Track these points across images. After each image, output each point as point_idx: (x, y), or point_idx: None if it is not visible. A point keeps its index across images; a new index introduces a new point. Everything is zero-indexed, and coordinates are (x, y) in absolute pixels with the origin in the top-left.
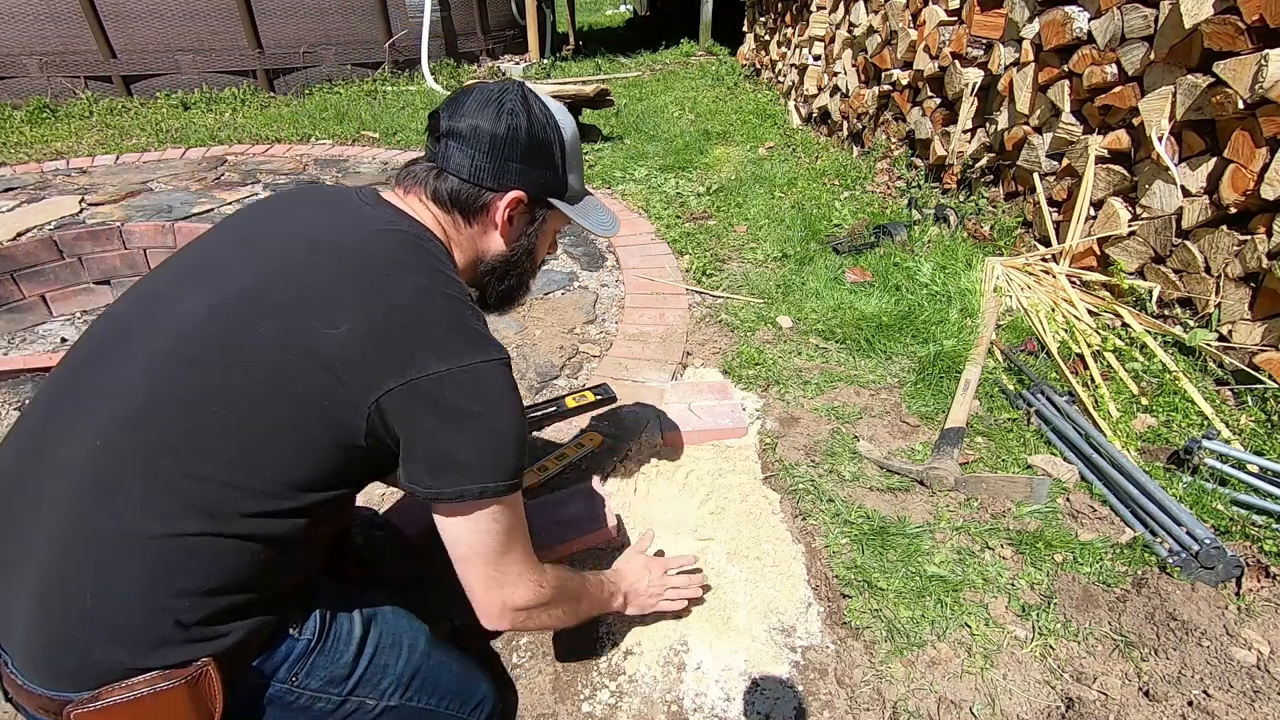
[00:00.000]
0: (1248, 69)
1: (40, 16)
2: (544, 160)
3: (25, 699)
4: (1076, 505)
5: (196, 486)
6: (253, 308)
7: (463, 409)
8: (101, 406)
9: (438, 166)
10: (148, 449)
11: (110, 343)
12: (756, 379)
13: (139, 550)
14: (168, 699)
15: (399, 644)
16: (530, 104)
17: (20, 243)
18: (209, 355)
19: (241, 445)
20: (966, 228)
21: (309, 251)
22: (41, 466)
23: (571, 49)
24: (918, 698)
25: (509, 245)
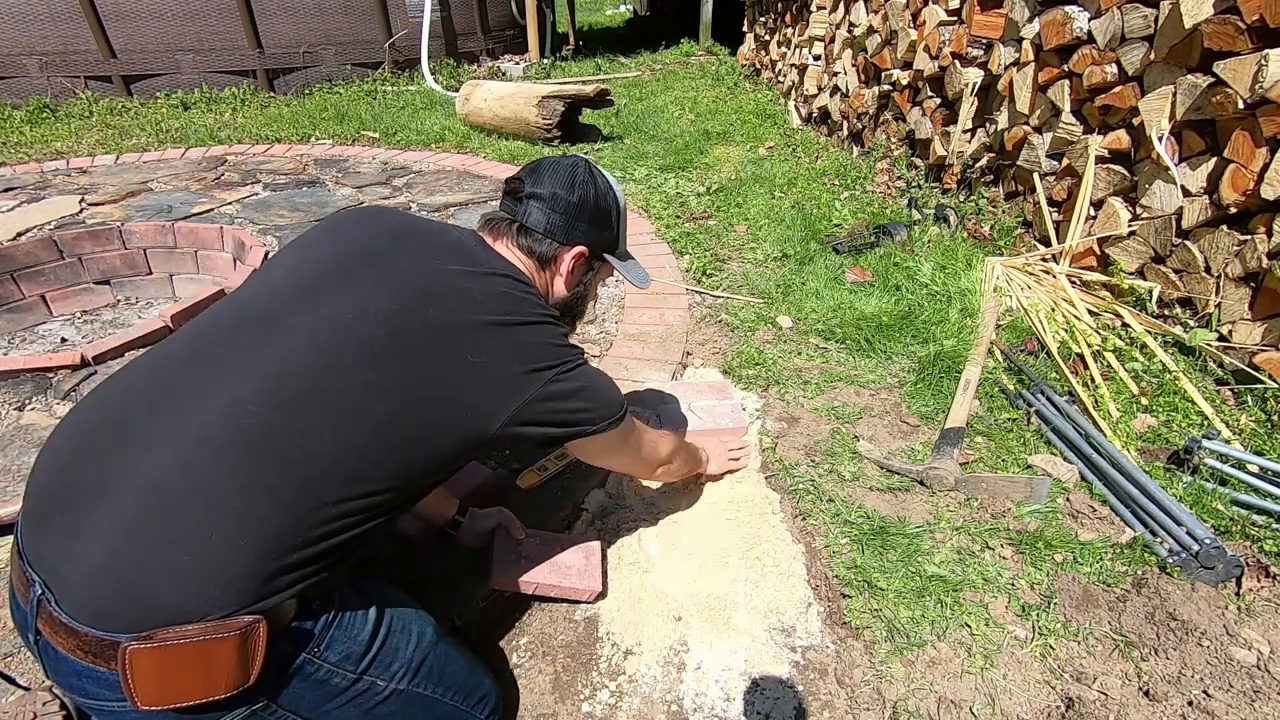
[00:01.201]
0: (1248, 69)
1: (40, 16)
2: (604, 224)
3: (63, 638)
4: (1076, 505)
5: (330, 469)
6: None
7: (571, 390)
8: (250, 377)
9: (519, 222)
10: (300, 426)
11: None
12: (756, 379)
13: (254, 512)
14: (219, 649)
15: (409, 630)
16: (595, 177)
17: (20, 243)
18: (376, 358)
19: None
20: (966, 228)
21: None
22: (157, 419)
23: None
24: (918, 698)
25: (569, 290)
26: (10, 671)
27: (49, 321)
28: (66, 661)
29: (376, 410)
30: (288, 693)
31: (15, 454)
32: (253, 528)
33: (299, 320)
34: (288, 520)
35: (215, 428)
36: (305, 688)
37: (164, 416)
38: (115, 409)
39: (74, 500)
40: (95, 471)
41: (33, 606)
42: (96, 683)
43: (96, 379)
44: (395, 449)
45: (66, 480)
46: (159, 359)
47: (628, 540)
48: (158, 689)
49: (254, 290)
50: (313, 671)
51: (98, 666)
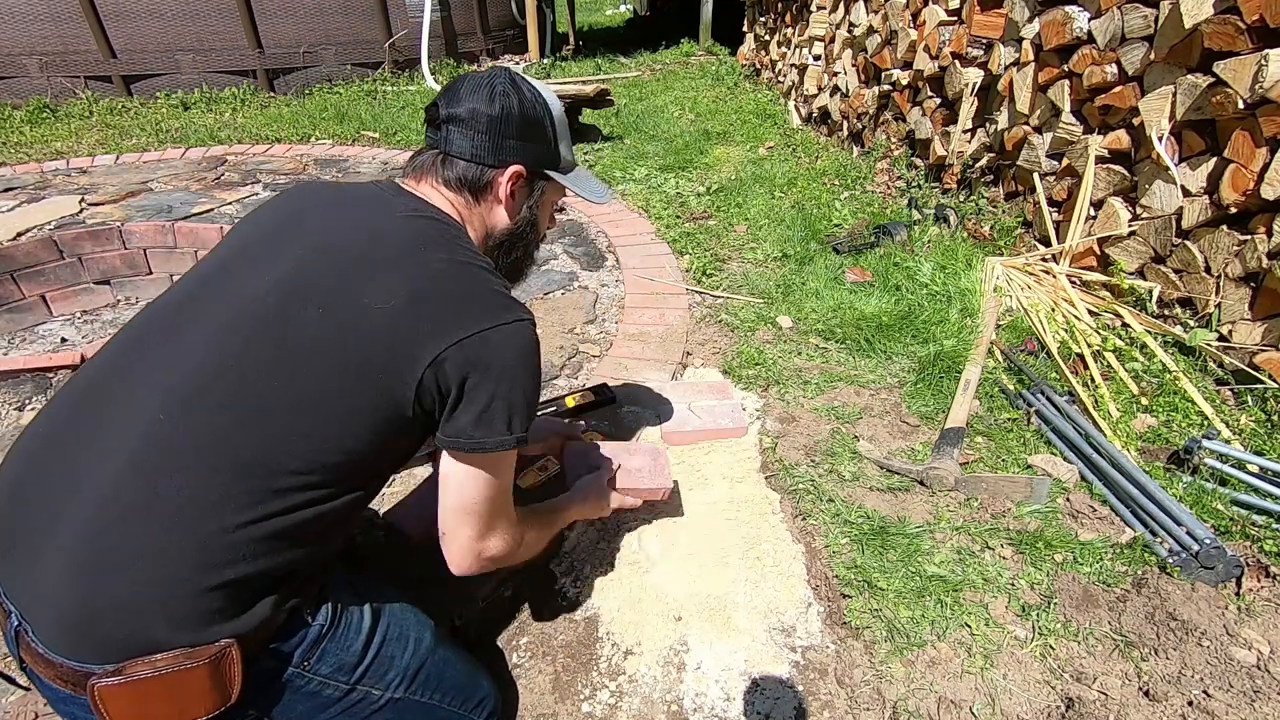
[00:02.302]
0: (1248, 69)
1: (40, 16)
2: (537, 135)
3: (44, 668)
4: (1076, 505)
5: (251, 463)
6: (308, 288)
7: (502, 364)
8: (159, 382)
9: (441, 152)
10: (208, 424)
11: (167, 322)
12: (756, 379)
13: (183, 524)
14: (190, 677)
15: (405, 637)
16: (519, 85)
17: (20, 243)
18: (270, 332)
19: (298, 420)
20: (966, 228)
21: (352, 237)
22: (86, 440)
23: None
24: (918, 698)
25: (513, 219)
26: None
27: (49, 321)
28: (50, 689)
29: (280, 390)
30: (279, 706)
31: None
32: (190, 544)
33: (199, 316)
34: (222, 529)
35: (136, 445)
36: (296, 699)
37: (93, 437)
38: (55, 429)
39: (27, 531)
40: (41, 500)
41: (12, 637)
42: (83, 709)
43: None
44: (311, 429)
45: (17, 510)
46: (90, 371)
47: (628, 540)
48: (134, 718)
49: (183, 283)
50: (303, 684)
51: (79, 695)
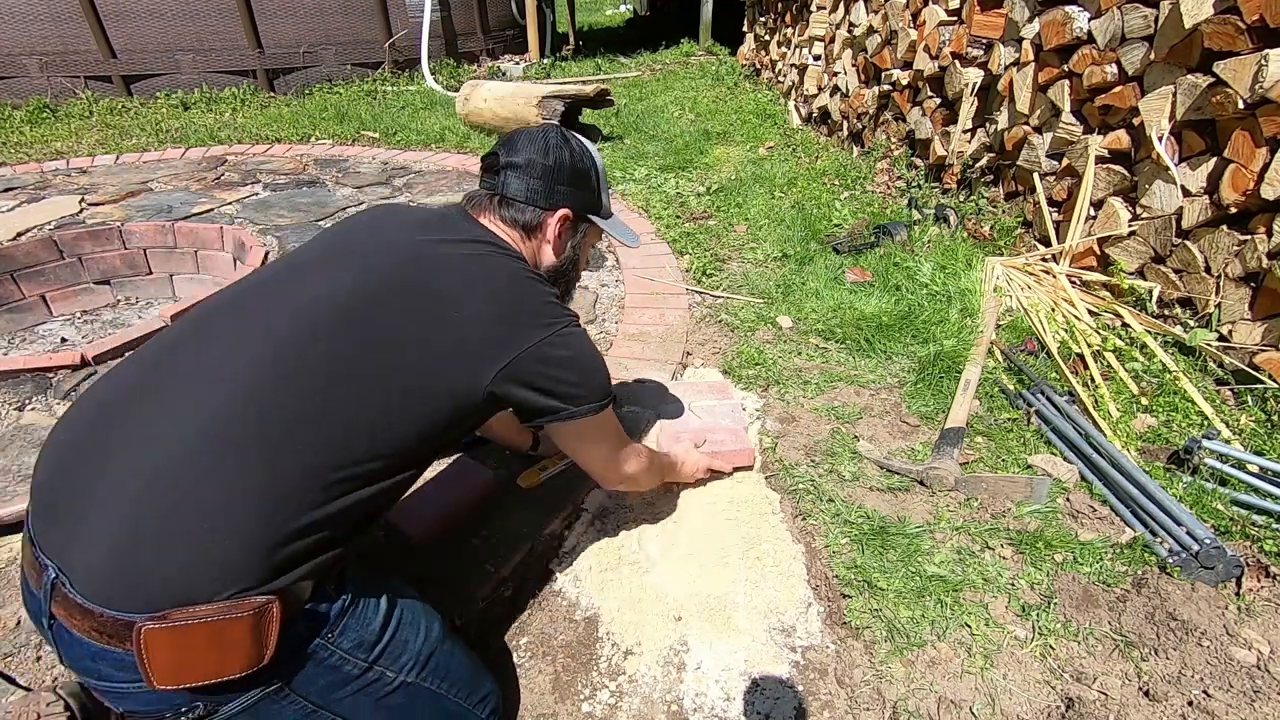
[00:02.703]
0: (1248, 69)
1: (40, 16)
2: (584, 184)
3: (80, 620)
4: (1076, 505)
5: (328, 434)
6: (395, 290)
7: (564, 358)
8: (241, 354)
9: (498, 194)
10: (289, 396)
11: (256, 302)
12: (756, 379)
13: (250, 483)
14: (233, 629)
15: (417, 624)
16: (569, 140)
17: (20, 243)
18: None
19: (375, 400)
20: (966, 228)
21: (433, 251)
22: (158, 402)
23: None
24: (918, 698)
25: (558, 256)
26: (10, 671)
27: (49, 321)
28: (81, 644)
29: (357, 377)
30: (301, 677)
31: (15, 454)
32: (253, 504)
33: (282, 304)
34: (284, 494)
35: (210, 410)
36: (318, 673)
37: (163, 402)
38: (117, 397)
39: (81, 486)
40: (100, 457)
41: (46, 591)
42: (112, 664)
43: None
44: (380, 417)
45: (72, 467)
46: (155, 349)
47: (628, 540)
48: (172, 668)
49: (244, 285)
50: (326, 656)
51: (113, 648)
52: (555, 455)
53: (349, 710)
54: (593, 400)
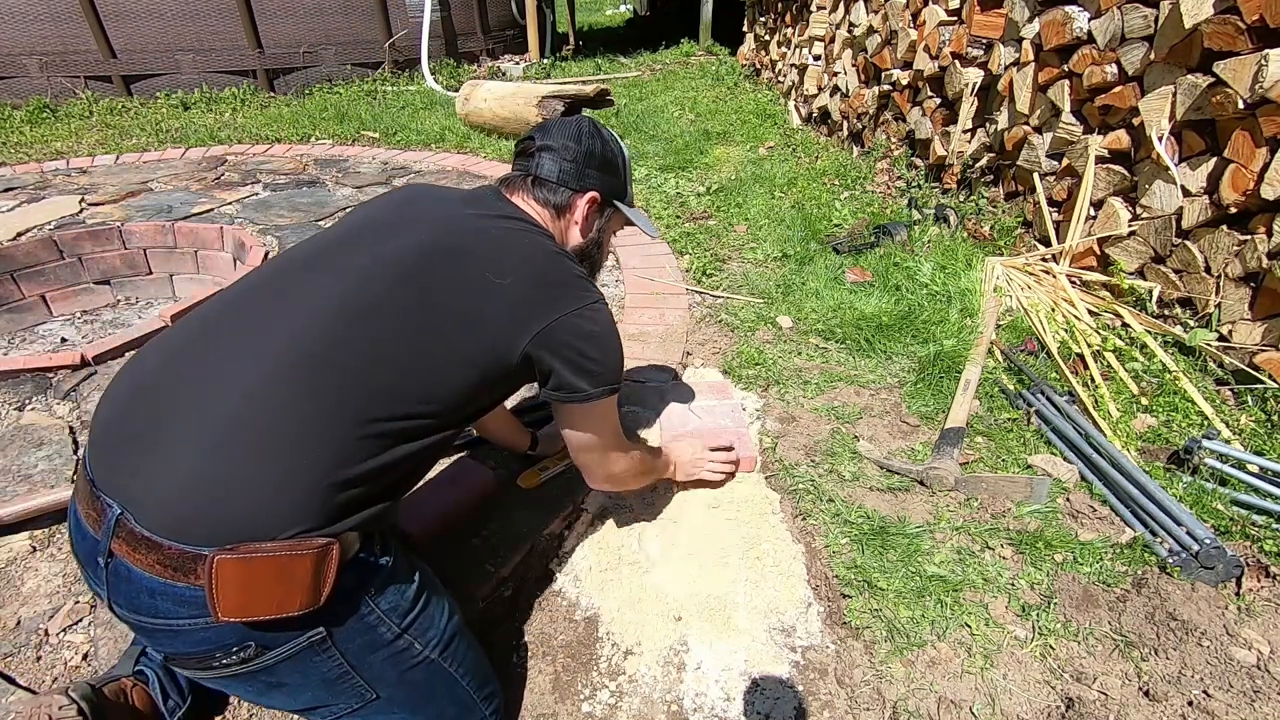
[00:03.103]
0: (1248, 69)
1: (40, 16)
2: (613, 171)
3: (143, 554)
4: (1076, 505)
5: (387, 381)
6: (444, 255)
7: (593, 333)
8: (310, 305)
9: (531, 174)
10: (357, 344)
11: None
12: (756, 379)
13: (323, 422)
14: (298, 565)
15: (442, 604)
16: (600, 130)
17: (20, 243)
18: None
19: (428, 355)
20: (966, 228)
21: (475, 225)
22: (233, 345)
23: (571, 49)
24: (918, 698)
25: (584, 237)
26: (10, 671)
27: (49, 321)
28: (142, 580)
29: (412, 332)
30: (343, 631)
31: (15, 454)
32: (319, 449)
33: (343, 264)
34: (345, 441)
35: (281, 358)
36: (358, 629)
37: (234, 349)
38: (187, 344)
39: (149, 428)
40: (172, 399)
41: (109, 528)
42: (171, 600)
43: (97, 379)
44: (431, 368)
45: (141, 409)
46: (222, 303)
47: (628, 540)
48: (238, 600)
49: (302, 247)
50: (366, 614)
51: (176, 582)
52: (555, 455)
53: (376, 676)
54: (608, 383)
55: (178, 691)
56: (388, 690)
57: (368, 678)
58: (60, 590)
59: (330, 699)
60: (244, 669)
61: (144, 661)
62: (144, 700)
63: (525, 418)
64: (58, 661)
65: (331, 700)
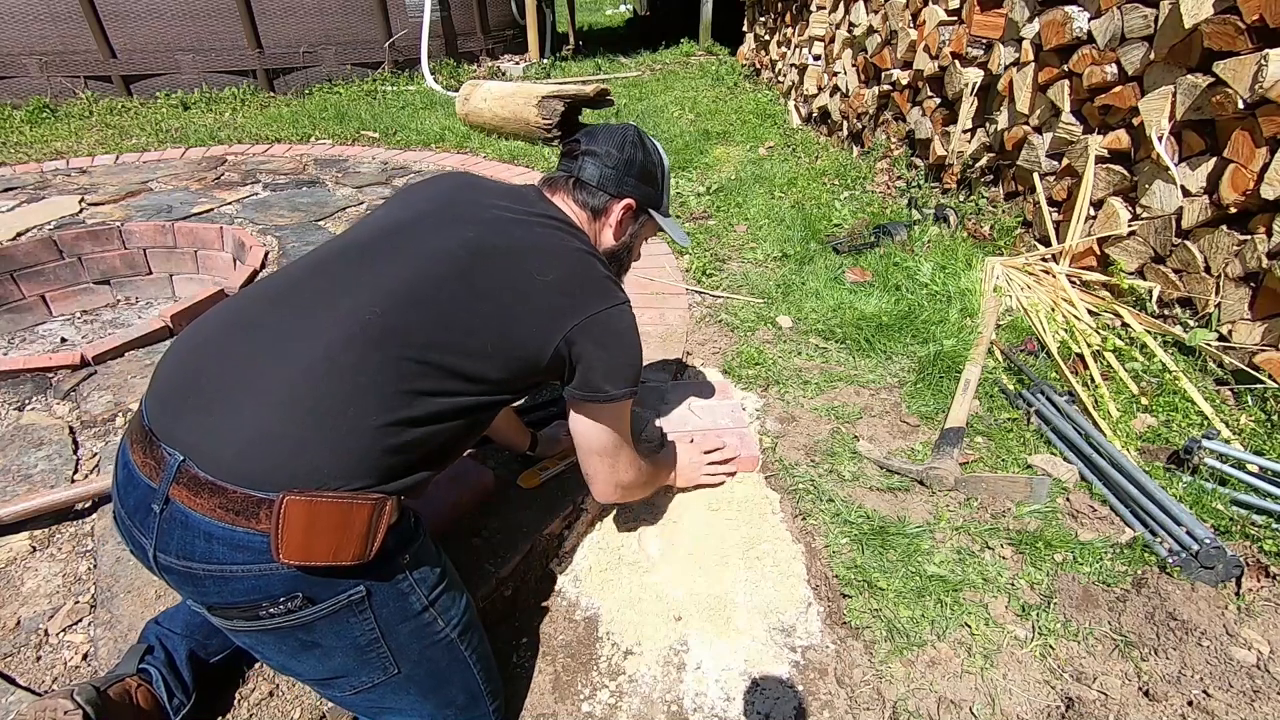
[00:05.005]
0: (1248, 69)
1: (40, 16)
2: (651, 181)
3: (205, 498)
4: (1076, 505)
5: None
6: (490, 250)
7: (620, 332)
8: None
9: (574, 176)
10: (414, 322)
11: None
12: (756, 379)
13: (384, 383)
14: (357, 513)
15: (460, 589)
16: (644, 140)
17: (20, 243)
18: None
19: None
20: (966, 227)
21: (519, 223)
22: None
23: (571, 49)
24: (918, 697)
25: (617, 240)
26: (10, 672)
27: (49, 321)
28: (200, 524)
29: (463, 317)
30: (379, 593)
31: (15, 454)
32: (375, 407)
33: (404, 248)
34: (402, 408)
35: (347, 325)
36: (392, 595)
37: (301, 317)
38: (246, 314)
39: (218, 382)
40: (238, 359)
41: (170, 474)
42: (228, 544)
43: (96, 379)
44: (477, 352)
45: (205, 366)
46: (282, 279)
47: (628, 540)
48: (301, 542)
49: (359, 231)
50: (400, 580)
51: (236, 526)
52: (555, 455)
53: (401, 647)
54: (629, 383)
55: (182, 690)
56: (409, 666)
57: (393, 647)
58: (60, 590)
59: (356, 668)
60: (286, 621)
61: (148, 660)
62: (148, 699)
63: (525, 417)
64: (57, 661)
65: (357, 669)
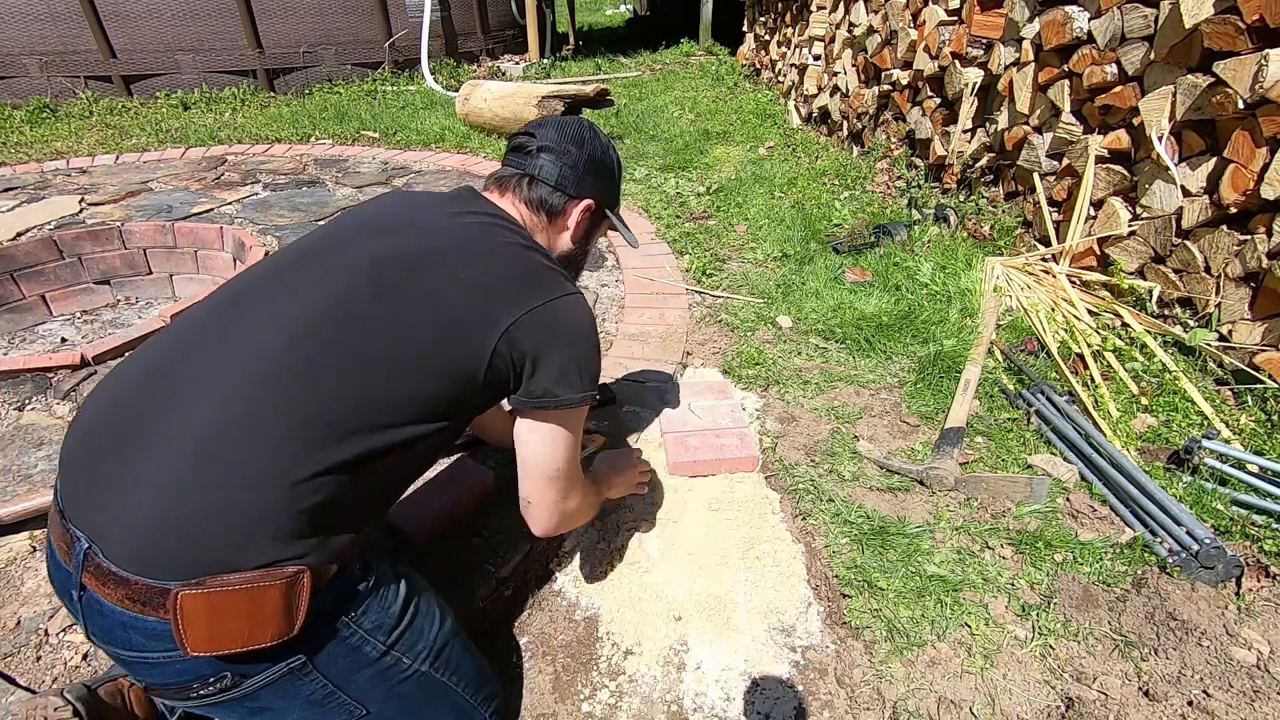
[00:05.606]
0: (1248, 69)
1: (40, 16)
2: (608, 179)
3: (114, 588)
4: (1076, 505)
5: (350, 400)
6: (407, 260)
7: (567, 326)
8: (267, 325)
9: (529, 175)
10: (315, 362)
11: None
12: (756, 379)
13: (283, 448)
14: (266, 596)
15: (432, 614)
16: (599, 134)
17: (20, 243)
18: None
19: (388, 366)
20: (966, 227)
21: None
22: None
23: (571, 49)
24: (918, 697)
25: (574, 244)
26: (10, 671)
27: (49, 321)
28: (114, 614)
29: (382, 345)
30: (323, 654)
31: (15, 454)
32: (286, 472)
33: (305, 279)
34: (315, 463)
35: (243, 380)
36: (340, 651)
37: (197, 373)
38: (157, 359)
39: (115, 455)
40: (133, 428)
41: (79, 561)
42: (143, 633)
43: (97, 379)
44: (400, 378)
45: (104, 439)
46: (182, 326)
47: (628, 540)
48: (207, 634)
49: (268, 262)
50: (348, 635)
51: (146, 616)
52: None
53: (364, 694)
54: (581, 389)
55: None
56: (377, 705)
57: (355, 695)
58: None
59: (318, 718)
60: (224, 698)
61: None
62: (140, 700)
63: None
64: (57, 661)
65: (320, 718)
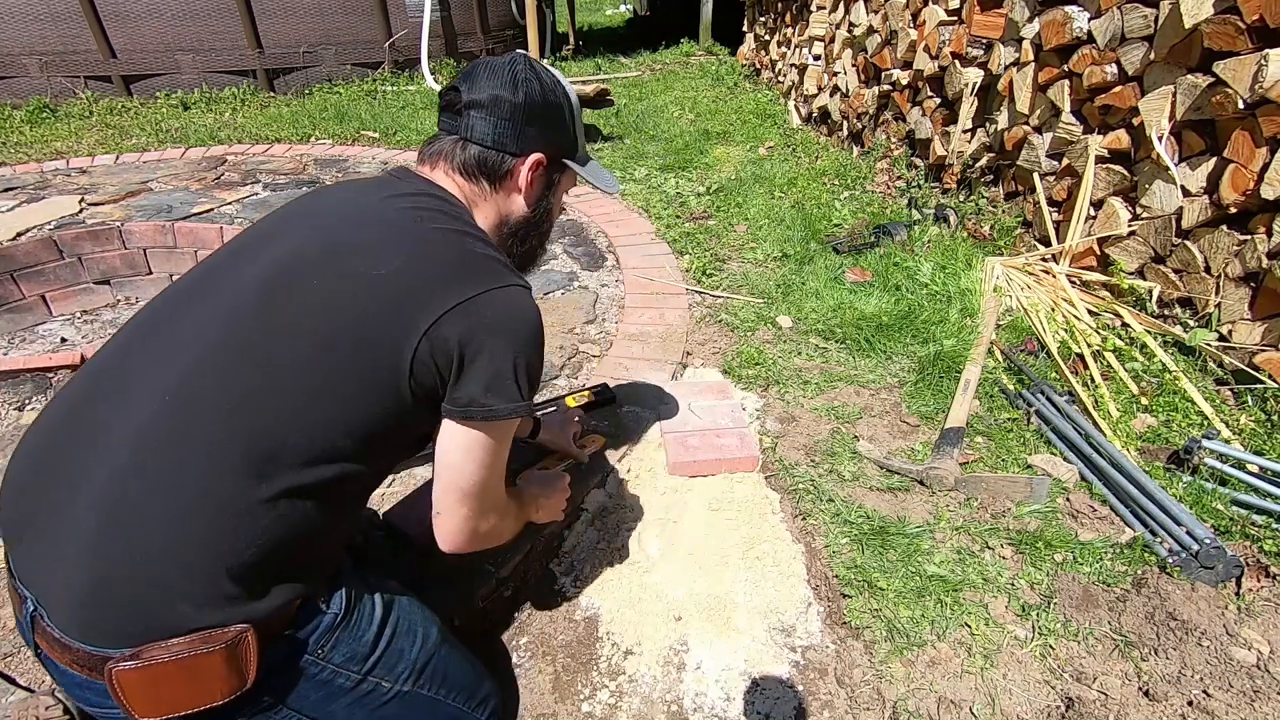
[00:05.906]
0: (1248, 69)
1: (40, 16)
2: (557, 123)
3: (60, 653)
4: (1076, 505)
5: (263, 440)
6: (311, 262)
7: (503, 322)
8: (171, 365)
9: (461, 137)
10: (222, 401)
11: (179, 304)
12: (756, 379)
13: (203, 504)
14: (207, 662)
15: (414, 631)
16: (538, 71)
17: (20, 243)
18: (276, 303)
19: (303, 394)
20: (966, 227)
21: (356, 217)
22: (100, 426)
23: (571, 49)
24: (918, 697)
25: (531, 207)
26: (11, 671)
27: (49, 321)
28: (66, 674)
29: (286, 363)
30: (294, 694)
31: None
32: (210, 524)
33: (210, 301)
34: (242, 510)
35: (150, 428)
36: (309, 688)
37: (106, 423)
38: (64, 417)
39: (42, 516)
40: (55, 486)
41: (28, 624)
42: (97, 694)
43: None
44: (315, 403)
45: (31, 496)
46: (98, 362)
47: (628, 540)
48: (151, 704)
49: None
50: (316, 672)
51: (95, 680)
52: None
53: (344, 717)
54: (516, 399)
55: None
56: None
57: None
58: None
59: None
60: None
61: None
62: None
63: None
64: None
65: None
